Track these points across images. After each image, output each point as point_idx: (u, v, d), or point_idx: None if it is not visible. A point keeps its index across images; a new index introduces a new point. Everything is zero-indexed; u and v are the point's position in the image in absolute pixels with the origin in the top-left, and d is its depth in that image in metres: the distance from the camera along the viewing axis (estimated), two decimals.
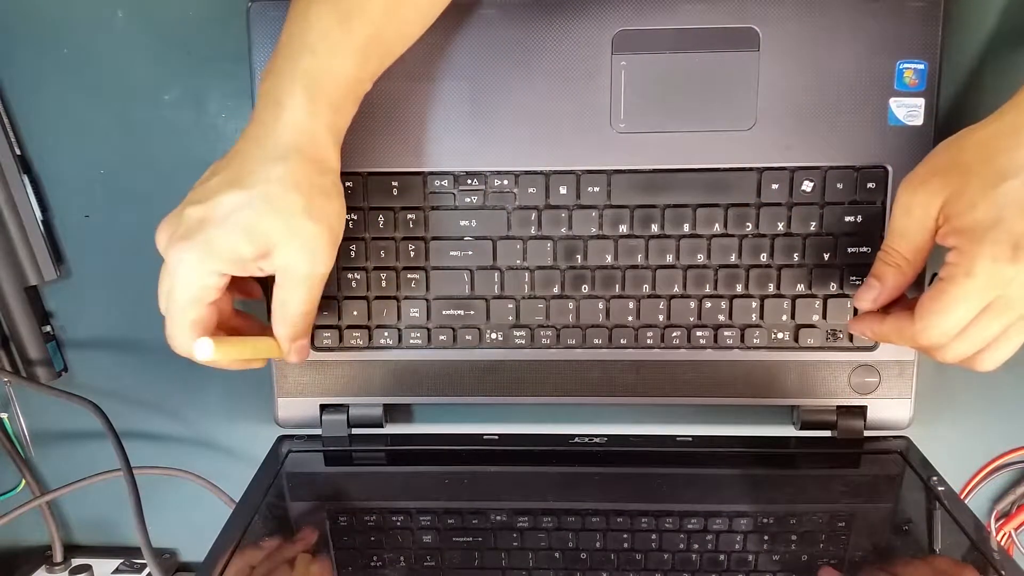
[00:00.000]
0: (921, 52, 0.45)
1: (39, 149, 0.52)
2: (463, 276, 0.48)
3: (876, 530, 0.44)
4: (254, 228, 0.38)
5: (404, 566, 0.41)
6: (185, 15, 0.49)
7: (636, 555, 0.42)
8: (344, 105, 0.40)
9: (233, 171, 0.39)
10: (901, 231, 0.40)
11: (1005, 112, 0.37)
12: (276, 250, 0.39)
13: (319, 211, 0.39)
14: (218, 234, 0.38)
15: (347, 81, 0.40)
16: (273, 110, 0.39)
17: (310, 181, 0.39)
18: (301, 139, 0.39)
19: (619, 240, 0.47)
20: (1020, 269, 0.36)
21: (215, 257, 0.38)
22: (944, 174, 0.38)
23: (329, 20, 0.39)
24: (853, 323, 0.46)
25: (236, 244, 0.38)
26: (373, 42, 0.40)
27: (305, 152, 0.39)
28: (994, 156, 0.36)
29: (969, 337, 0.38)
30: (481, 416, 0.54)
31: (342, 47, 0.39)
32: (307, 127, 0.39)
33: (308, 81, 0.38)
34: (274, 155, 0.38)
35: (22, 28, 0.50)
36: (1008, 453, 0.53)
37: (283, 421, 0.51)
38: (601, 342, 0.48)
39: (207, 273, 0.39)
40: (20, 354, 0.53)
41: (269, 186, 0.38)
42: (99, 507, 0.57)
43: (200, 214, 0.38)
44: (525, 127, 0.46)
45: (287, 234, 0.39)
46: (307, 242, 0.39)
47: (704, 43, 0.45)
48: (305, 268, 0.40)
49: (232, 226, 0.38)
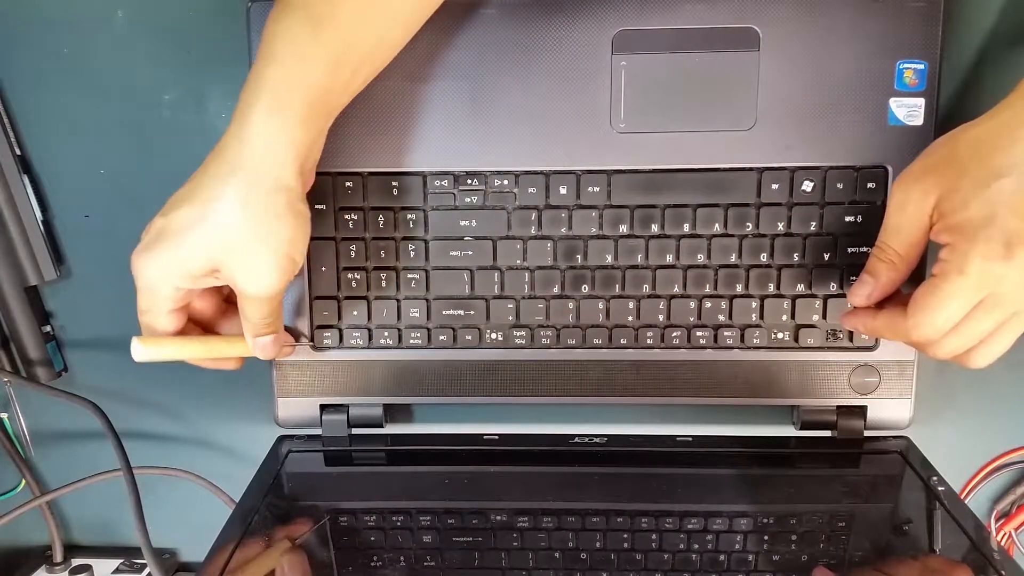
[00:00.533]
0: (921, 52, 0.45)
1: (39, 149, 0.52)
2: (463, 276, 0.48)
3: (876, 530, 0.44)
4: (201, 246, 0.39)
5: (404, 566, 0.41)
6: (185, 15, 0.49)
7: (636, 555, 0.42)
8: (312, 119, 0.39)
9: (192, 185, 0.39)
10: (895, 227, 0.40)
11: (1000, 110, 0.37)
12: (223, 269, 0.39)
13: (265, 234, 0.39)
14: (171, 248, 0.39)
15: (316, 92, 0.38)
16: (237, 122, 0.38)
17: (258, 200, 0.38)
18: (257, 156, 0.38)
19: (619, 240, 0.47)
20: (1012, 267, 0.36)
21: (167, 271, 0.39)
22: (938, 171, 0.38)
23: (297, 28, 0.37)
24: (846, 318, 0.46)
25: (185, 260, 0.39)
26: (344, 50, 0.38)
27: (257, 171, 0.38)
28: (988, 154, 0.36)
29: (961, 333, 0.39)
30: (481, 416, 0.54)
31: (310, 56, 0.38)
32: (265, 143, 0.38)
33: (272, 93, 0.37)
34: (228, 171, 0.38)
35: (22, 28, 0.50)
36: (1008, 453, 0.53)
37: (283, 421, 0.51)
38: (601, 342, 0.48)
39: (163, 284, 0.40)
40: (20, 354, 0.53)
41: (217, 204, 0.38)
42: (99, 507, 0.57)
43: (160, 225, 0.39)
44: (525, 127, 0.46)
45: (231, 256, 0.39)
46: (252, 265, 0.39)
47: (704, 43, 0.45)
48: (251, 289, 0.40)
49: (182, 243, 0.39)
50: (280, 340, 0.44)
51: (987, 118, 0.37)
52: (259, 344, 0.44)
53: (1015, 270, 0.36)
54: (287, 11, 0.38)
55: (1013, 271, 0.36)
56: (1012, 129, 0.36)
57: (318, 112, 0.39)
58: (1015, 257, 0.36)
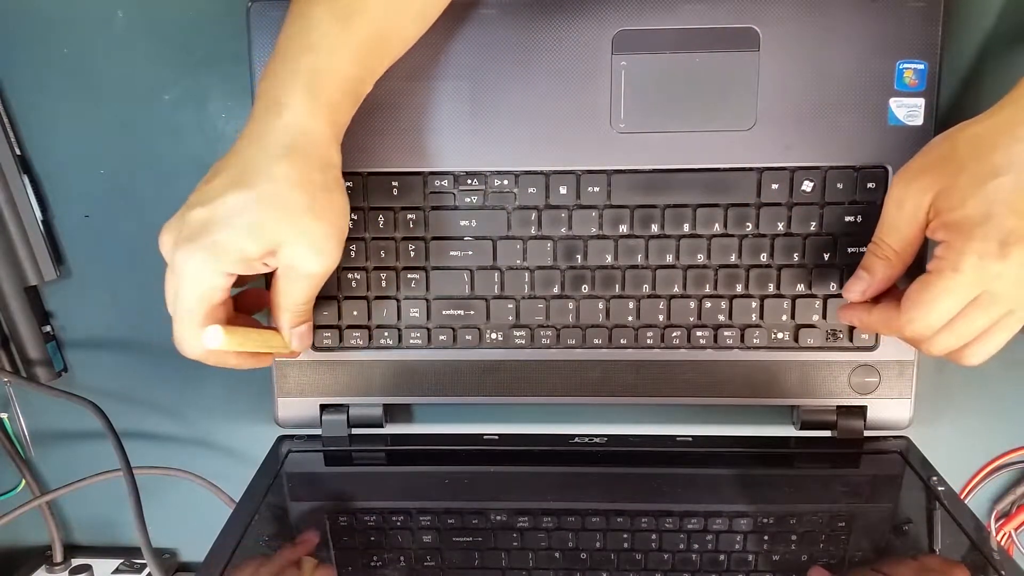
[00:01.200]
0: (921, 52, 0.45)
1: (39, 149, 0.52)
2: (463, 276, 0.48)
3: (876, 530, 0.44)
4: (260, 227, 0.38)
5: (404, 566, 0.41)
6: (185, 15, 0.49)
7: (636, 555, 0.42)
8: (344, 103, 0.40)
9: (236, 171, 0.38)
10: (892, 224, 0.40)
11: (1000, 108, 0.37)
12: (282, 248, 0.39)
13: (323, 208, 0.39)
14: (224, 234, 0.38)
15: (347, 80, 0.40)
16: (274, 109, 0.39)
17: (313, 178, 0.39)
18: (302, 137, 0.39)
19: (619, 240, 0.47)
20: (1007, 265, 0.36)
21: (222, 257, 0.38)
22: (937, 169, 0.38)
23: (329, 19, 0.39)
24: (841, 311, 0.46)
25: (242, 244, 0.38)
26: (373, 41, 0.40)
27: (307, 150, 0.39)
28: (987, 152, 0.36)
29: (955, 331, 0.39)
30: (481, 416, 0.54)
31: (342, 46, 0.39)
32: (308, 125, 0.39)
33: (308, 80, 0.38)
34: (276, 153, 0.38)
35: (22, 28, 0.50)
36: (1008, 453, 0.53)
37: (283, 421, 0.51)
38: (601, 342, 0.48)
39: (214, 273, 0.39)
40: (20, 354, 0.53)
41: (273, 185, 0.38)
42: (99, 507, 0.57)
43: (204, 216, 0.38)
44: (525, 127, 0.46)
45: (293, 233, 0.39)
46: (314, 240, 0.39)
47: (704, 43, 0.45)
48: (311, 266, 0.40)
49: (238, 226, 0.38)
50: (311, 330, 0.45)
51: (986, 116, 0.38)
52: (296, 335, 0.43)
53: (1010, 268, 0.36)
54: (317, 4, 0.39)
55: (1008, 269, 0.36)
56: (1011, 128, 0.36)
57: (349, 98, 0.40)
58: (1010, 256, 0.36)
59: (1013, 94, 0.37)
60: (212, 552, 0.41)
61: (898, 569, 0.41)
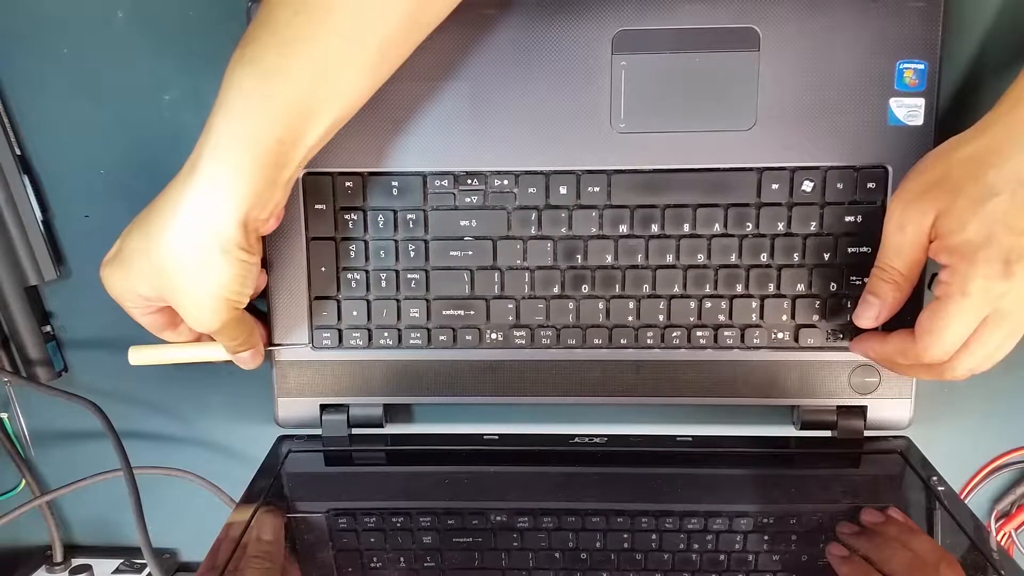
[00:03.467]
0: (921, 52, 0.45)
1: (39, 149, 0.52)
2: (463, 276, 0.48)
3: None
4: (147, 277, 0.40)
5: (404, 566, 0.41)
6: (185, 15, 0.49)
7: (636, 555, 0.42)
8: (260, 170, 0.38)
9: (146, 216, 0.40)
10: (896, 248, 0.41)
11: (990, 124, 0.38)
12: (169, 302, 0.41)
13: (198, 278, 0.39)
14: (121, 271, 0.41)
15: (264, 145, 0.37)
16: (189, 165, 0.38)
17: (201, 249, 0.39)
18: (197, 204, 0.38)
19: (619, 240, 0.47)
20: (1012, 284, 0.37)
21: (123, 289, 0.42)
22: (934, 191, 0.39)
23: (248, 81, 0.37)
24: (855, 344, 0.47)
25: (135, 287, 0.41)
26: (298, 105, 0.37)
27: (197, 218, 0.38)
28: (982, 173, 0.37)
29: (973, 353, 0.39)
30: (481, 416, 0.54)
31: (259, 110, 0.37)
32: (206, 193, 0.38)
33: (218, 144, 0.37)
34: (174, 214, 0.39)
35: (22, 28, 0.50)
36: (1008, 453, 0.53)
37: (283, 421, 0.51)
38: (601, 342, 0.48)
39: (124, 299, 0.43)
40: (20, 354, 0.53)
41: (157, 243, 0.39)
42: (99, 507, 0.57)
43: (118, 246, 0.42)
44: (525, 127, 0.46)
45: (174, 293, 0.40)
46: (188, 304, 0.41)
47: (704, 43, 0.45)
48: (195, 326, 0.42)
49: (130, 269, 0.41)
50: (260, 352, 0.47)
51: (978, 133, 0.38)
52: (238, 359, 0.46)
53: (1016, 286, 0.37)
54: (241, 63, 0.37)
55: (1014, 287, 0.37)
56: (1003, 146, 0.37)
57: (267, 164, 0.38)
58: (1015, 275, 0.37)
59: (999, 109, 0.38)
60: (212, 552, 0.41)
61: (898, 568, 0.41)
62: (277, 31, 0.37)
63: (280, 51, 0.37)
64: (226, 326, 0.42)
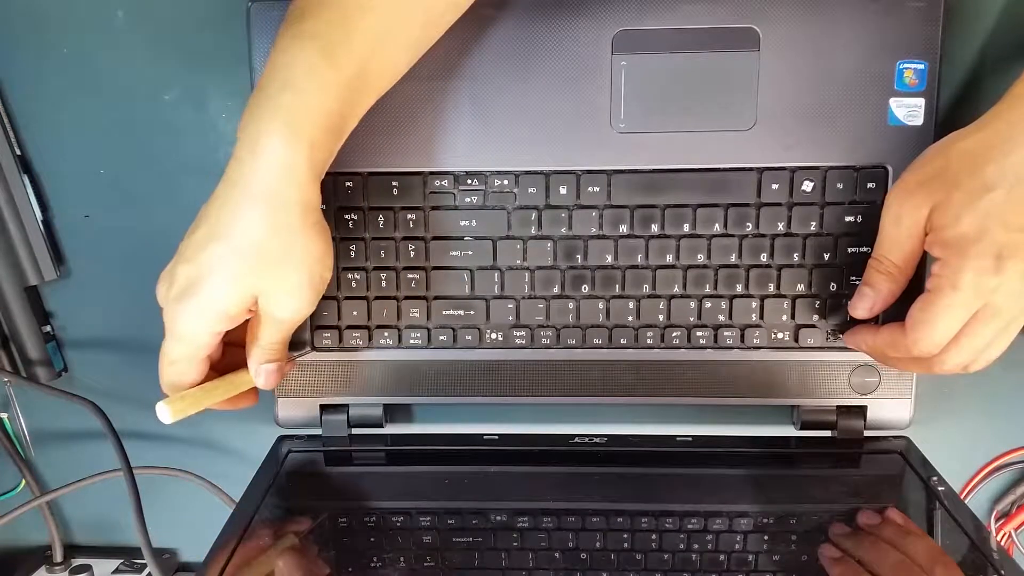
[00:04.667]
0: (921, 52, 0.45)
1: (39, 149, 0.52)
2: (463, 276, 0.48)
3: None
4: (238, 280, 0.39)
5: (404, 566, 0.41)
6: (185, 15, 0.49)
7: (636, 555, 0.42)
8: (325, 142, 0.38)
9: (214, 220, 0.38)
10: (892, 240, 0.41)
11: (991, 120, 0.38)
12: (260, 297, 0.40)
13: (300, 256, 0.39)
14: (209, 293, 0.39)
15: (329, 117, 0.38)
16: (251, 149, 0.37)
17: (291, 223, 0.38)
18: (279, 181, 0.37)
19: (619, 240, 0.47)
20: (1003, 279, 0.37)
21: (208, 316, 0.39)
22: (931, 184, 0.39)
23: (314, 56, 0.37)
24: (848, 336, 0.47)
25: (225, 302, 0.39)
26: (358, 78, 0.38)
27: (285, 193, 0.38)
28: (980, 167, 0.37)
29: (963, 347, 0.39)
30: (481, 416, 0.54)
31: (326, 83, 0.37)
32: (285, 167, 0.37)
33: (288, 118, 0.37)
34: (252, 199, 0.38)
35: (22, 28, 0.50)
36: (1008, 453, 0.53)
37: (283, 421, 0.51)
38: (601, 342, 0.48)
39: (202, 332, 0.40)
40: (20, 354, 0.53)
41: (249, 233, 0.38)
42: (99, 507, 0.57)
43: (189, 273, 0.39)
44: (525, 127, 0.46)
45: (270, 283, 0.39)
46: (289, 289, 0.39)
47: (704, 43, 0.45)
48: (284, 312, 0.40)
49: (220, 283, 0.38)
50: (283, 370, 0.44)
51: (978, 128, 0.38)
52: (263, 371, 0.43)
53: (1007, 281, 0.37)
54: (301, 38, 0.37)
55: (1005, 282, 0.37)
56: (1003, 141, 0.37)
57: (332, 134, 0.39)
58: (1006, 269, 0.37)
59: (1002, 105, 0.38)
60: (212, 552, 0.41)
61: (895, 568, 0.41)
62: (334, 5, 0.37)
63: (342, 24, 0.37)
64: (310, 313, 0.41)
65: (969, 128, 0.38)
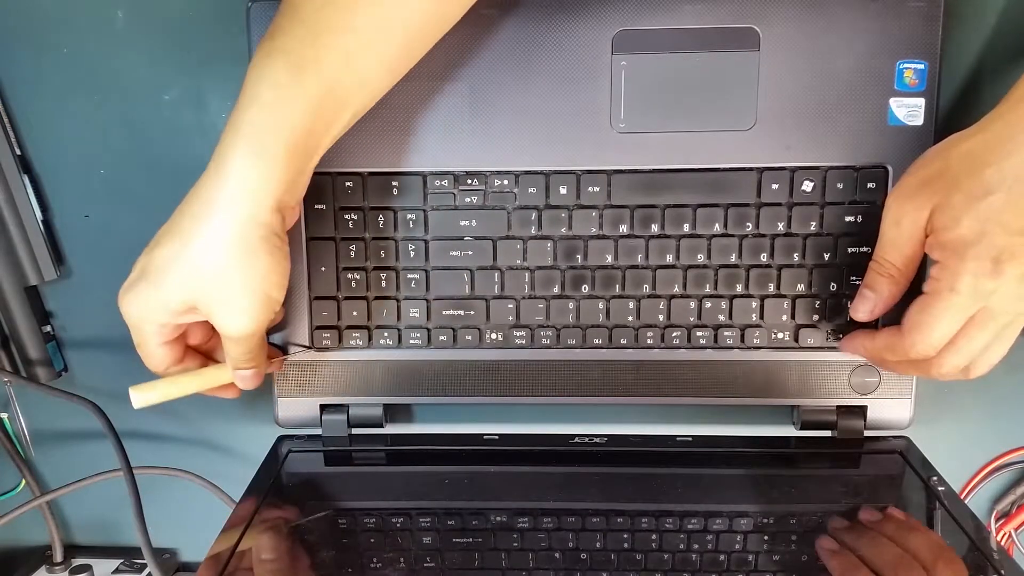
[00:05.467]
0: (921, 52, 0.45)
1: (39, 149, 0.52)
2: (463, 276, 0.48)
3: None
4: (180, 284, 0.39)
5: (404, 566, 0.41)
6: (185, 15, 0.49)
7: (636, 555, 0.42)
8: (292, 159, 0.38)
9: (174, 223, 0.39)
10: (892, 242, 0.41)
11: (990, 122, 0.38)
12: (200, 307, 0.40)
13: (241, 271, 0.39)
14: (149, 287, 0.40)
15: (296, 134, 0.38)
16: (215, 161, 0.38)
17: (236, 238, 0.38)
18: (234, 195, 0.37)
19: (619, 240, 0.47)
20: (1001, 282, 0.37)
21: (149, 308, 0.40)
22: (931, 186, 0.39)
23: (280, 72, 0.37)
24: (845, 342, 0.47)
25: (165, 298, 0.40)
26: (329, 95, 0.38)
27: (236, 208, 0.38)
28: (980, 169, 0.37)
29: (960, 350, 0.39)
30: (481, 416, 0.54)
31: (291, 99, 0.37)
32: (242, 183, 0.37)
33: (251, 135, 0.37)
34: (205, 210, 0.38)
35: (22, 28, 0.50)
36: (1008, 453, 0.53)
37: (283, 421, 0.51)
38: (601, 342, 0.48)
39: (146, 322, 0.41)
40: (20, 354, 0.53)
41: (195, 242, 0.38)
42: (99, 507, 0.57)
43: (142, 264, 0.40)
44: (525, 127, 0.46)
45: (208, 294, 0.39)
46: (228, 304, 0.39)
47: (704, 43, 0.45)
48: (231, 331, 0.41)
49: (161, 281, 0.39)
50: (262, 373, 0.45)
51: (978, 130, 0.38)
52: (238, 376, 0.44)
53: (1004, 284, 0.37)
54: (271, 54, 0.37)
55: (1003, 286, 0.37)
56: (1003, 143, 0.37)
57: (298, 153, 0.38)
58: (1004, 273, 0.37)
59: (1003, 107, 0.37)
60: (212, 552, 0.41)
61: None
62: (307, 22, 0.37)
63: (312, 42, 0.37)
64: (259, 331, 0.41)
65: (969, 130, 0.38)
